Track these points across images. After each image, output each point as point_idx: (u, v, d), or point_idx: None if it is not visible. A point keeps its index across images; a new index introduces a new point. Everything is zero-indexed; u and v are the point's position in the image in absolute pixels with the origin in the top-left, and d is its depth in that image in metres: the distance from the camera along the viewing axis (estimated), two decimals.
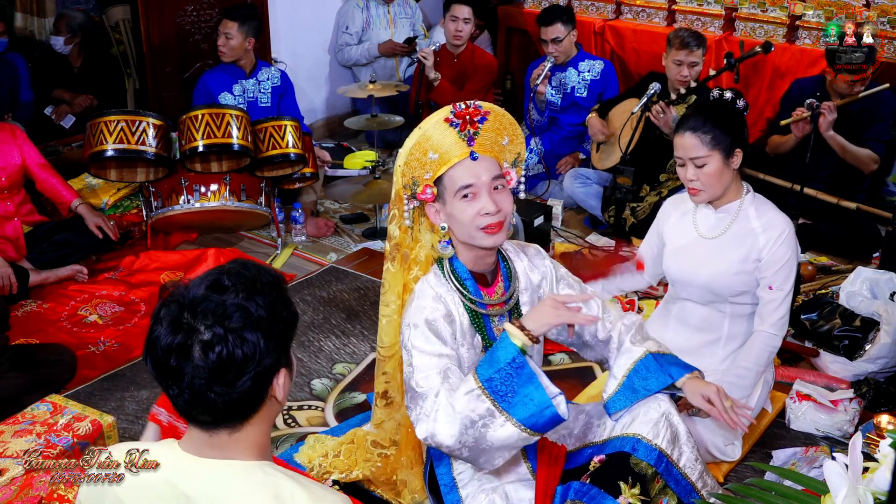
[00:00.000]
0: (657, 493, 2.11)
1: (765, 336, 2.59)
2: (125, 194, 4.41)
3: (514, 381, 1.86)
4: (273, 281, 1.38)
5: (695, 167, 2.55)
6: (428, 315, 2.01)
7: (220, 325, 1.28)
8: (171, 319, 1.30)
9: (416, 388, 1.94)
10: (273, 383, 1.37)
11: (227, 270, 1.36)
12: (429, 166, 2.02)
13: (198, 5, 4.81)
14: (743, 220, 2.61)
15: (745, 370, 2.59)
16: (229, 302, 1.30)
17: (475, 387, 1.86)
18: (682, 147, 2.56)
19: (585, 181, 4.50)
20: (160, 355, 1.30)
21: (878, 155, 3.98)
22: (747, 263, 2.59)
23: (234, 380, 1.30)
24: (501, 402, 1.85)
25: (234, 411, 1.35)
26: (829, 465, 1.37)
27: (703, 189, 2.57)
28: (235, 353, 1.28)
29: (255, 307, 1.31)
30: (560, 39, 4.66)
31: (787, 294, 2.58)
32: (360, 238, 4.38)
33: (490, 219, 1.99)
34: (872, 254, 4.01)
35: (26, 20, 5.23)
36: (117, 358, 3.30)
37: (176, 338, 1.29)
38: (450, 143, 2.01)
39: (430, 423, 1.88)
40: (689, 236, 2.69)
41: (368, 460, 2.43)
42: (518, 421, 1.86)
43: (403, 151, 2.03)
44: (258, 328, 1.31)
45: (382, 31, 5.63)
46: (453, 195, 2.00)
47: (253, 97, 4.51)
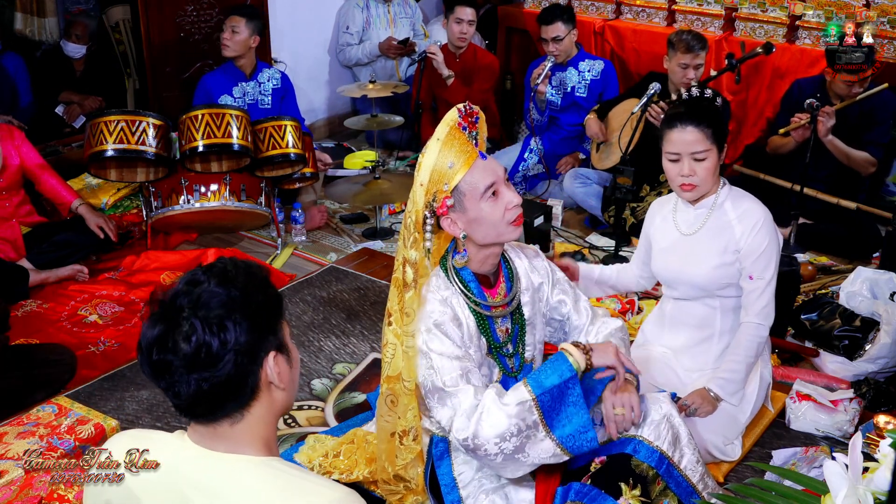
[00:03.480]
0: (658, 494, 2.11)
1: (751, 327, 2.59)
2: (125, 194, 4.41)
3: (563, 399, 1.91)
4: (247, 267, 1.41)
5: (692, 161, 2.53)
6: (437, 318, 2.01)
7: (195, 314, 1.32)
8: (152, 315, 1.34)
9: (445, 387, 1.95)
10: (263, 366, 1.37)
11: (202, 267, 1.40)
12: (447, 177, 1.96)
13: (198, 5, 4.81)
14: (719, 214, 2.62)
15: (735, 363, 2.59)
16: (203, 290, 1.34)
17: (529, 398, 1.90)
18: (683, 142, 2.53)
19: (585, 181, 4.50)
20: (145, 351, 1.34)
21: (876, 158, 3.99)
22: (727, 255, 2.59)
23: (215, 362, 1.32)
24: (547, 418, 1.90)
25: (226, 398, 1.36)
26: (829, 465, 1.37)
27: (698, 184, 2.56)
28: (211, 338, 1.31)
29: (226, 291, 1.34)
30: (560, 38, 4.66)
31: (769, 282, 2.57)
32: (360, 238, 4.38)
33: (517, 210, 2.00)
34: (872, 254, 4.01)
35: (26, 20, 5.23)
36: (117, 358, 3.30)
37: (155, 331, 1.32)
38: (461, 149, 1.97)
39: (474, 425, 1.90)
40: (672, 236, 2.71)
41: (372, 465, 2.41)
42: (557, 438, 1.91)
43: (424, 169, 1.95)
44: (232, 310, 1.33)
45: (383, 31, 5.63)
46: (478, 199, 1.97)
47: (253, 99, 4.51)
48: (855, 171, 4.02)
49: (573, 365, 1.94)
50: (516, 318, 2.17)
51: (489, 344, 2.09)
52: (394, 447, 2.20)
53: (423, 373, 2.01)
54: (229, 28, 4.34)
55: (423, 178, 1.95)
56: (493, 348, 2.10)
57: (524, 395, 1.91)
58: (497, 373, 2.13)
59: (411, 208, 1.99)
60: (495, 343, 2.10)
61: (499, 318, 2.12)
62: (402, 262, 2.01)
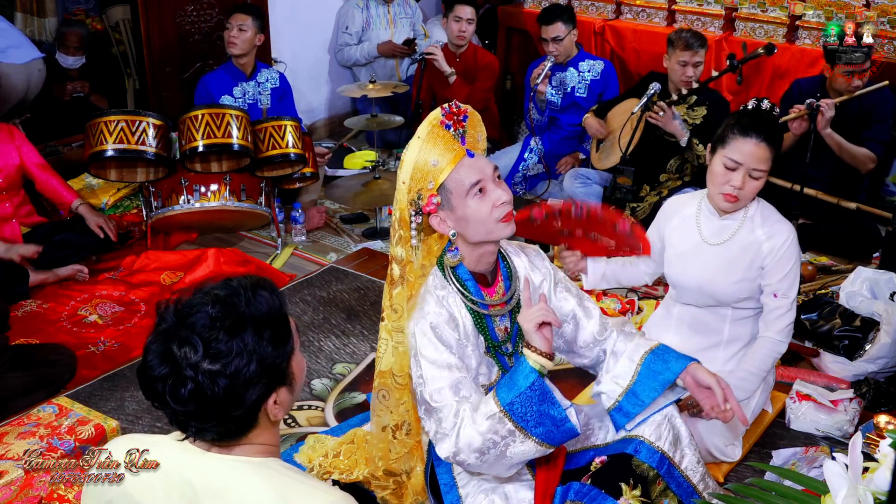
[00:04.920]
0: (658, 494, 2.11)
1: (771, 342, 2.57)
2: (125, 194, 4.41)
3: (532, 402, 1.90)
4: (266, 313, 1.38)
5: (748, 177, 2.47)
6: (432, 320, 2.00)
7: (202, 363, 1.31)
8: (161, 350, 1.34)
9: (431, 402, 1.94)
10: (268, 404, 1.39)
11: (217, 299, 1.36)
12: (431, 175, 1.97)
13: (198, 5, 4.81)
14: (748, 228, 2.57)
15: (748, 374, 2.58)
16: (213, 345, 1.32)
17: (497, 411, 1.89)
18: (750, 155, 2.45)
19: (585, 181, 4.50)
20: (148, 381, 1.36)
21: (876, 155, 3.98)
22: (751, 271, 2.56)
23: (212, 417, 1.34)
24: (521, 423, 1.89)
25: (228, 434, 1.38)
26: (829, 465, 1.37)
27: (741, 199, 2.50)
28: (211, 394, 1.31)
29: (238, 349, 1.33)
30: (561, 38, 4.66)
31: (793, 301, 2.56)
32: (360, 238, 4.38)
33: (506, 207, 1.99)
34: (872, 254, 4.01)
35: (26, 20, 5.22)
36: (117, 358, 3.30)
37: (162, 369, 1.33)
38: (445, 147, 1.98)
39: (452, 443, 1.90)
40: (692, 241, 2.65)
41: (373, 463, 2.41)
42: (537, 437, 1.91)
43: (406, 166, 1.97)
44: (236, 374, 1.32)
45: (382, 32, 5.63)
46: (464, 196, 1.97)
47: (253, 99, 4.51)
48: (855, 171, 4.02)
49: (534, 366, 1.91)
50: (516, 317, 2.16)
51: (487, 343, 2.09)
52: (387, 442, 2.25)
53: (414, 379, 2.01)
54: (236, 26, 4.34)
55: (404, 176, 1.98)
56: (491, 347, 2.10)
57: (493, 407, 1.90)
58: (496, 372, 2.12)
59: (396, 206, 2.02)
60: (493, 342, 2.10)
61: (497, 317, 2.11)
62: (389, 259, 2.08)
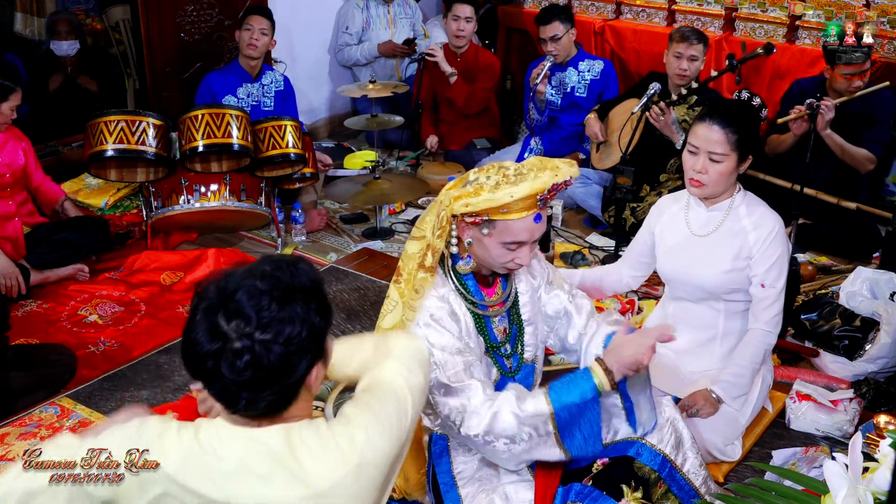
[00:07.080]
0: (659, 497, 2.11)
1: (759, 334, 2.59)
2: (125, 194, 4.41)
3: (580, 416, 1.94)
4: (310, 285, 1.41)
5: (708, 160, 2.51)
6: (434, 312, 2.02)
7: (255, 333, 1.33)
8: (208, 326, 1.34)
9: (451, 383, 1.96)
10: (311, 376, 1.42)
11: (263, 273, 1.38)
12: (490, 211, 1.94)
13: (198, 5, 4.81)
14: (734, 218, 2.60)
15: (741, 368, 2.59)
16: (264, 314, 1.33)
17: (547, 412, 1.93)
18: (705, 138, 2.50)
19: (585, 181, 4.50)
20: (196, 358, 1.36)
21: (876, 155, 3.99)
22: (738, 261, 2.59)
23: (266, 387, 1.35)
24: (561, 431, 1.94)
25: (277, 405, 1.40)
26: (829, 465, 1.37)
27: (706, 184, 2.54)
28: (267, 363, 1.33)
29: (289, 316, 1.35)
30: (558, 37, 4.65)
31: (780, 291, 2.57)
32: (360, 238, 4.38)
33: (519, 266, 2.04)
34: (872, 254, 4.01)
35: (26, 20, 5.22)
36: (117, 358, 3.30)
37: (213, 345, 1.33)
38: (523, 205, 1.93)
39: (486, 423, 1.93)
40: (681, 234, 2.69)
41: None
42: (566, 448, 1.96)
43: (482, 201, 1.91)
44: (289, 341, 1.34)
45: (382, 32, 5.63)
46: (499, 240, 1.97)
47: (256, 101, 4.52)
48: (855, 171, 4.02)
49: (598, 386, 1.95)
50: (514, 318, 2.17)
51: (486, 344, 2.10)
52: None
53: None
54: (258, 29, 4.38)
55: (474, 206, 1.92)
56: (489, 348, 2.10)
57: (543, 407, 1.93)
58: (495, 373, 2.13)
59: (440, 209, 1.97)
60: (492, 343, 2.10)
61: (496, 318, 2.12)
62: (426, 246, 2.01)
